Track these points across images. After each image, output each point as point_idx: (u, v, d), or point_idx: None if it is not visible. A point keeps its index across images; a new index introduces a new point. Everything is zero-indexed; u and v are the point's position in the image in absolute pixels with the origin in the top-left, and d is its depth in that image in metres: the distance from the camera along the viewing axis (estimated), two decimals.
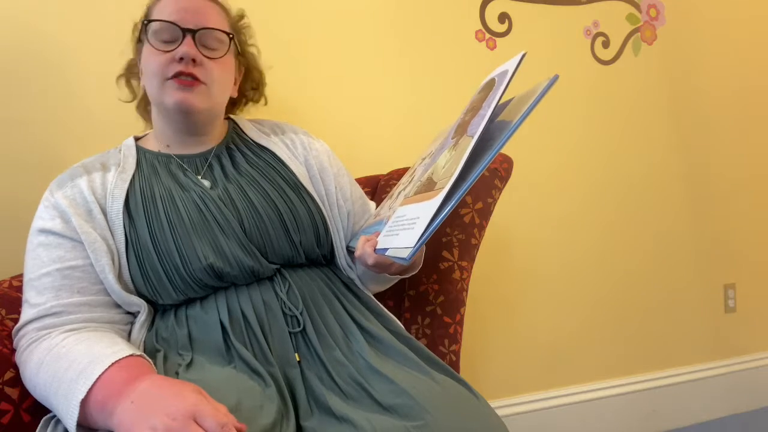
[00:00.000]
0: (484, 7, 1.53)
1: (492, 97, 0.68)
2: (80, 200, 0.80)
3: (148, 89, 0.87)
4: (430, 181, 0.73)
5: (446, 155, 0.74)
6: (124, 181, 0.83)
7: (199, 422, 0.54)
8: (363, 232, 0.91)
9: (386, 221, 0.83)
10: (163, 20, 0.84)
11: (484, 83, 0.79)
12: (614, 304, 1.70)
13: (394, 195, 0.92)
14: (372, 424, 0.64)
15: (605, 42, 1.67)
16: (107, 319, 0.77)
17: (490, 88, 0.73)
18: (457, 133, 0.75)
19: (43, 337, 0.72)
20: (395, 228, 0.75)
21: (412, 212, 0.72)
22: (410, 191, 0.80)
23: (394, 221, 0.78)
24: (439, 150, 0.82)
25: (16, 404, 0.74)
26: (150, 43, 0.85)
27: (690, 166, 1.81)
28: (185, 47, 0.83)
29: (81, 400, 0.60)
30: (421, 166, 0.89)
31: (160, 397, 0.57)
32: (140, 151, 0.90)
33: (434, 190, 0.69)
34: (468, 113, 0.76)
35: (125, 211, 0.81)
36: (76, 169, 0.85)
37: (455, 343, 1.09)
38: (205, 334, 0.77)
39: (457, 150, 0.70)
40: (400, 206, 0.80)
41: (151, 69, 0.85)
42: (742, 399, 1.84)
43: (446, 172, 0.69)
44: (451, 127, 0.85)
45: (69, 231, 0.78)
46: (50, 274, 0.75)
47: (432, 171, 0.76)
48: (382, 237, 0.78)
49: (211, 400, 0.57)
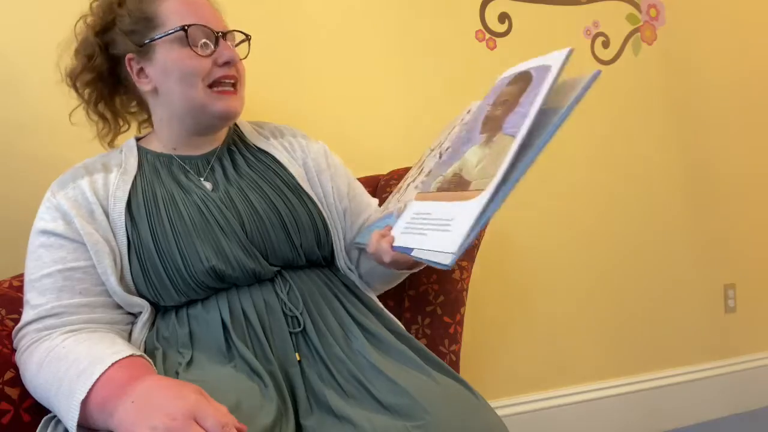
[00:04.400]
0: (484, 7, 1.53)
1: (533, 95, 0.64)
2: (82, 201, 0.80)
3: (180, 94, 0.84)
4: (461, 179, 0.69)
5: (477, 152, 0.70)
6: (126, 183, 0.83)
7: (200, 422, 0.54)
8: (372, 227, 0.89)
9: (396, 214, 0.81)
10: (200, 25, 0.82)
11: (515, 74, 0.73)
12: (614, 303, 1.70)
13: (402, 188, 0.90)
14: (372, 424, 0.64)
15: (605, 42, 1.67)
16: (108, 320, 0.77)
17: (525, 81, 0.68)
18: (487, 129, 0.71)
19: (44, 338, 0.72)
20: (418, 226, 0.72)
21: (443, 212, 0.68)
22: (432, 185, 0.76)
23: (413, 218, 0.75)
24: (460, 143, 0.77)
25: (17, 404, 0.74)
26: (191, 48, 0.82)
27: (690, 166, 1.81)
28: (227, 51, 0.84)
29: (81, 401, 0.60)
30: (431, 157, 0.87)
31: (161, 397, 0.57)
32: (142, 152, 0.90)
33: (470, 190, 0.65)
34: (498, 107, 0.71)
35: (127, 213, 0.80)
36: (78, 170, 0.84)
37: (455, 343, 1.09)
38: (207, 333, 0.77)
39: (493, 148, 0.66)
40: (417, 201, 0.77)
41: (189, 74, 0.82)
42: (742, 399, 1.84)
43: (483, 172, 0.65)
44: (470, 117, 0.82)
45: (71, 232, 0.77)
46: (51, 275, 0.75)
47: (460, 167, 0.72)
48: (401, 233, 0.75)
49: (211, 401, 0.58)
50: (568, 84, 0.63)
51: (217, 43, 0.84)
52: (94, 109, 0.93)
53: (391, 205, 0.90)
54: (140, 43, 0.84)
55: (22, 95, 1.13)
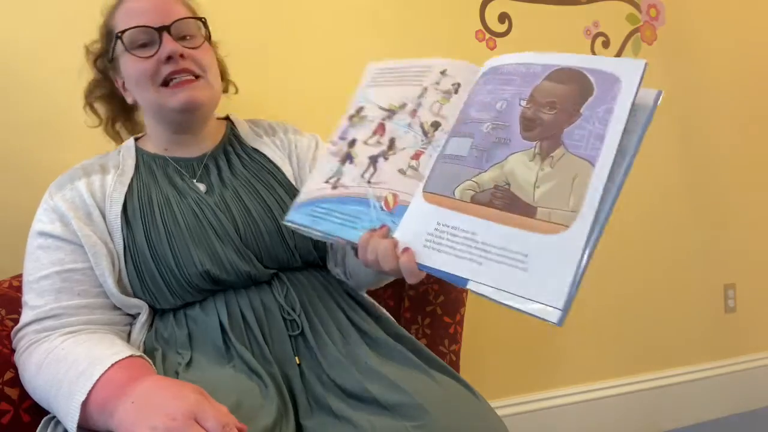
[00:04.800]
0: (484, 7, 1.52)
1: (603, 111, 0.58)
2: (80, 203, 0.80)
3: (142, 99, 0.86)
4: (514, 198, 0.59)
5: (530, 166, 0.60)
6: (122, 185, 0.83)
7: (201, 422, 0.54)
8: (319, 204, 0.73)
9: (380, 206, 0.68)
10: (133, 27, 0.82)
11: (558, 69, 0.64)
12: (614, 303, 1.70)
13: (360, 160, 0.73)
14: (372, 424, 0.64)
15: (605, 42, 1.67)
16: (107, 321, 0.77)
17: (580, 85, 0.61)
18: (536, 135, 0.61)
19: (42, 340, 0.72)
20: (458, 246, 0.60)
21: (501, 238, 0.58)
22: (454, 189, 0.63)
23: (439, 230, 0.62)
24: (489, 141, 0.63)
25: (16, 404, 0.74)
26: (131, 53, 0.83)
27: (690, 166, 1.80)
28: (167, 46, 0.81)
29: (82, 402, 0.60)
30: (404, 129, 0.73)
31: (161, 397, 0.57)
32: (139, 153, 0.90)
33: (538, 219, 0.57)
34: (543, 108, 0.62)
35: (123, 216, 0.80)
36: (76, 171, 0.85)
37: (455, 343, 1.09)
38: (205, 334, 0.77)
39: (560, 170, 0.58)
40: (433, 205, 0.64)
41: (139, 78, 0.83)
42: (742, 399, 1.84)
43: (552, 199, 0.57)
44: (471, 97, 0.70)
45: (69, 234, 0.77)
46: (50, 276, 0.75)
47: (505, 179, 0.60)
48: (423, 248, 0.62)
49: (212, 401, 0.58)
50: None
51: (161, 40, 0.82)
52: (111, 129, 0.97)
53: (347, 181, 0.73)
54: (110, 59, 0.88)
55: (22, 96, 1.13)
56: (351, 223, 0.69)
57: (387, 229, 0.66)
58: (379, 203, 0.69)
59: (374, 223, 0.68)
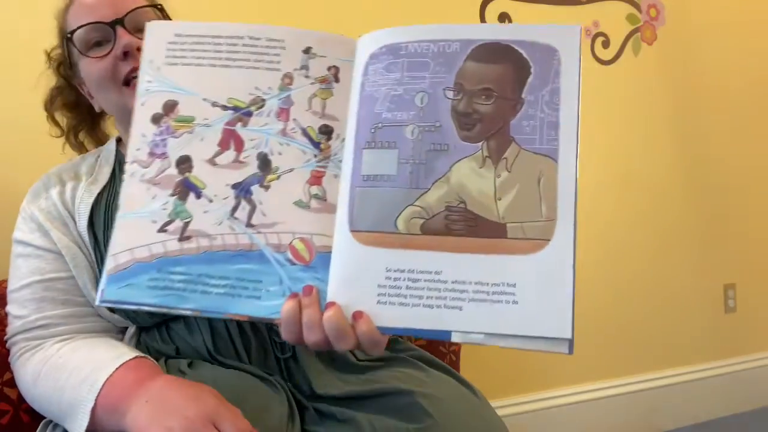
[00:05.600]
0: (484, 7, 1.52)
1: (550, 92, 0.50)
2: (55, 213, 0.75)
3: (105, 102, 0.79)
4: (477, 219, 0.49)
5: (482, 174, 0.50)
6: (90, 195, 0.76)
7: (218, 427, 0.53)
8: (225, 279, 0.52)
9: (288, 260, 0.50)
10: (83, 25, 0.74)
11: (480, 44, 0.52)
12: (614, 303, 1.70)
13: (223, 195, 0.52)
14: (373, 426, 0.64)
15: (605, 42, 1.67)
16: (99, 329, 0.74)
17: (512, 63, 0.51)
18: (478, 133, 0.51)
19: (36, 348, 0.69)
20: (425, 293, 0.48)
21: (475, 271, 0.48)
22: (396, 222, 0.50)
23: (392, 277, 0.49)
24: (421, 151, 0.51)
25: (16, 405, 0.74)
26: (85, 55, 0.75)
27: (690, 166, 1.80)
28: (122, 40, 0.72)
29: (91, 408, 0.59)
30: (274, 136, 0.53)
31: (178, 397, 0.56)
32: (119, 158, 0.81)
33: (511, 238, 0.48)
34: (479, 98, 0.51)
35: (90, 230, 0.74)
36: (50, 178, 0.79)
37: (455, 344, 1.09)
38: (195, 353, 0.73)
39: (519, 174, 0.49)
40: (371, 248, 0.49)
41: (99, 81, 0.75)
42: (742, 399, 1.83)
43: (520, 210, 0.49)
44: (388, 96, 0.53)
45: (49, 243, 0.73)
46: (30, 285, 0.72)
47: (457, 197, 0.50)
48: (377, 304, 0.49)
49: (229, 405, 0.56)
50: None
51: (116, 35, 0.73)
52: (74, 139, 0.88)
53: (206, 226, 0.51)
54: (69, 65, 0.81)
55: (22, 97, 1.12)
56: (247, 291, 0.50)
57: (316, 292, 0.50)
58: (283, 255, 0.51)
59: (287, 285, 0.50)
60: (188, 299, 0.50)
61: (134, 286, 0.51)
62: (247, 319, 0.51)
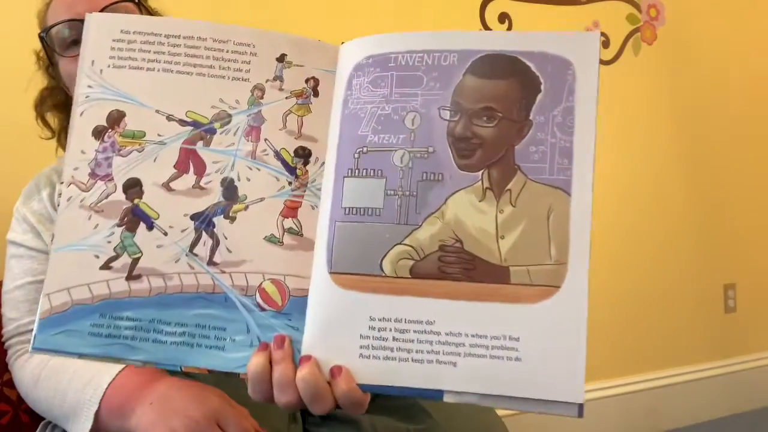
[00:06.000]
0: (484, 7, 1.52)
1: (564, 113, 0.45)
2: (47, 215, 0.75)
3: None
4: (475, 261, 0.42)
5: (480, 208, 0.43)
6: None
7: (222, 426, 0.53)
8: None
9: (256, 305, 0.44)
10: (58, 22, 0.72)
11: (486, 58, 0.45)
12: (614, 303, 1.70)
13: (180, 227, 0.45)
14: (375, 426, 0.64)
15: (605, 42, 1.67)
16: None
17: (521, 77, 0.44)
18: (478, 160, 0.44)
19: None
20: (415, 346, 0.42)
21: (473, 323, 0.41)
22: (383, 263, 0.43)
23: (377, 328, 0.42)
24: (411, 180, 0.44)
25: (15, 405, 0.74)
26: (62, 55, 0.73)
27: (690, 166, 1.80)
28: None
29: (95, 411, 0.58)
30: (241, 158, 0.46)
31: (182, 398, 0.55)
32: None
33: (514, 284, 0.41)
34: (479, 119, 0.44)
35: None
36: (41, 179, 0.79)
37: None
38: None
39: (525, 209, 0.43)
40: (355, 293, 0.43)
41: (74, 82, 0.75)
42: (742, 399, 1.83)
43: (526, 252, 0.42)
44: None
45: (41, 245, 0.73)
46: (23, 287, 0.72)
47: (453, 234, 0.43)
48: (360, 358, 0.42)
49: (234, 405, 0.56)
50: None
51: None
52: (66, 140, 0.87)
53: (158, 264, 0.44)
54: (51, 65, 0.79)
55: (22, 97, 1.12)
56: (208, 341, 0.43)
57: (289, 344, 0.43)
58: (251, 299, 0.44)
59: (255, 334, 0.43)
60: (138, 350, 0.43)
61: (72, 333, 0.44)
62: (208, 372, 0.44)
